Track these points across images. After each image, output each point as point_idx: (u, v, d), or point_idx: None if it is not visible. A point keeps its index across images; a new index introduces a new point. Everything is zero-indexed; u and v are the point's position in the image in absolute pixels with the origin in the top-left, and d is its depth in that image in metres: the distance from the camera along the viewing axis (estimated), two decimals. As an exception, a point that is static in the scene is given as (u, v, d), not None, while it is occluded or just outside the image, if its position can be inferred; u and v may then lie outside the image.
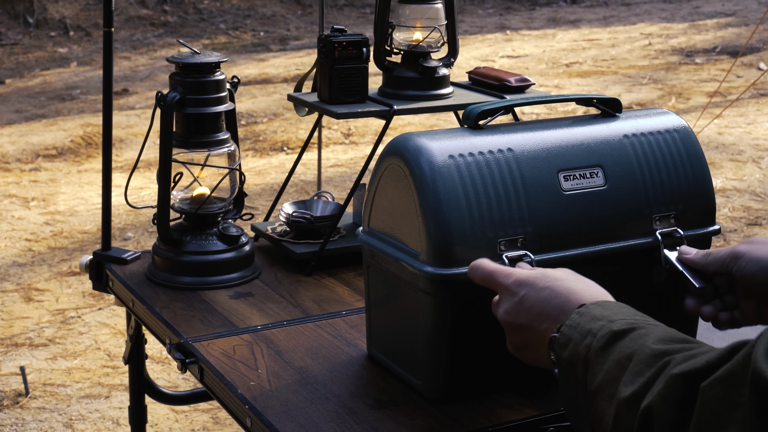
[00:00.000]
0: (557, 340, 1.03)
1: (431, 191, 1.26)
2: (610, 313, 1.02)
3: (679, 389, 0.86)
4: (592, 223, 1.34)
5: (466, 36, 9.28)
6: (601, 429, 0.96)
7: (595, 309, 1.03)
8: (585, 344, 1.00)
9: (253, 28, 10.02)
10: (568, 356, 1.01)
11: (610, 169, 1.37)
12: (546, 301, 1.08)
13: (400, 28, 2.09)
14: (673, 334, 0.96)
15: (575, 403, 1.02)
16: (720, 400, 0.81)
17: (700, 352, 0.89)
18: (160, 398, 1.97)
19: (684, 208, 1.41)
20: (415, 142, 1.29)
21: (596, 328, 1.00)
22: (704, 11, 10.50)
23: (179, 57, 1.73)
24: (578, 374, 1.00)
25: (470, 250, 1.25)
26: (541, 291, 1.09)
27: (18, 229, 4.55)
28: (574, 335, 1.02)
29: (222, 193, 1.80)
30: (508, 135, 1.34)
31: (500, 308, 1.13)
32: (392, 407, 1.31)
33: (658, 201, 1.39)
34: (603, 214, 1.35)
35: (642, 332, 0.97)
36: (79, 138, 5.94)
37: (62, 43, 9.23)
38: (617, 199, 1.36)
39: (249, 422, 1.30)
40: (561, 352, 1.03)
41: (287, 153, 5.69)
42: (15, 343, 3.45)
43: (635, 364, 0.94)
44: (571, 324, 1.03)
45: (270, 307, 1.64)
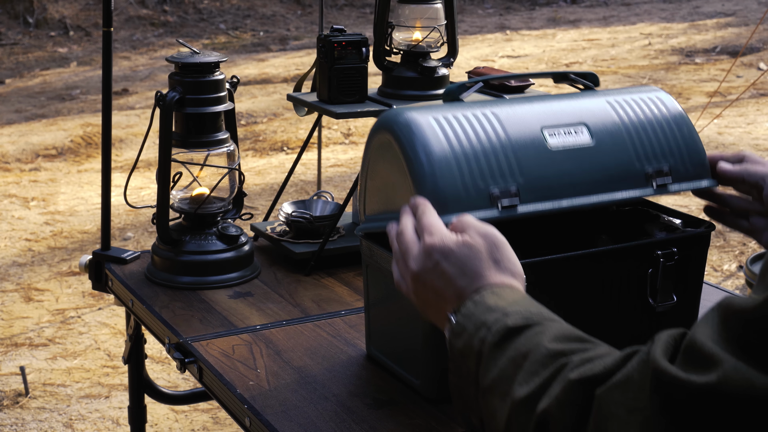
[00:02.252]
0: (452, 328, 1.02)
1: (420, 147, 1.25)
2: (505, 304, 1.00)
3: (576, 395, 0.85)
4: (584, 176, 1.34)
5: (466, 36, 9.28)
6: (494, 426, 0.95)
7: (490, 298, 1.01)
8: (479, 337, 0.98)
9: (253, 28, 10.03)
10: (461, 346, 1.00)
11: (595, 127, 1.37)
12: (451, 281, 1.06)
13: (400, 28, 2.09)
14: (568, 332, 0.94)
15: (465, 394, 1.00)
16: (617, 404, 0.80)
17: (597, 355, 0.88)
18: (160, 398, 1.97)
19: (675, 162, 1.40)
20: (400, 112, 1.30)
21: (491, 321, 0.98)
22: (704, 11, 10.50)
23: (179, 57, 1.73)
24: (470, 366, 0.98)
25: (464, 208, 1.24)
26: (452, 266, 1.06)
27: (18, 229, 4.55)
28: (468, 325, 1.00)
29: (221, 193, 1.80)
30: (490, 104, 1.35)
31: (414, 262, 1.10)
32: (391, 407, 1.31)
33: (648, 156, 1.39)
34: (593, 168, 1.35)
35: (538, 329, 0.96)
36: (78, 138, 5.94)
37: (62, 43, 9.23)
38: (606, 154, 1.36)
39: (248, 422, 1.30)
40: (455, 341, 1.00)
41: (287, 153, 5.69)
42: (15, 343, 3.45)
43: (530, 364, 0.92)
44: (466, 313, 1.01)
45: (269, 307, 1.64)
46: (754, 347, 0.70)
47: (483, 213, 1.25)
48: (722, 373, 0.70)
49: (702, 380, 0.71)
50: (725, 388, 0.70)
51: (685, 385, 0.72)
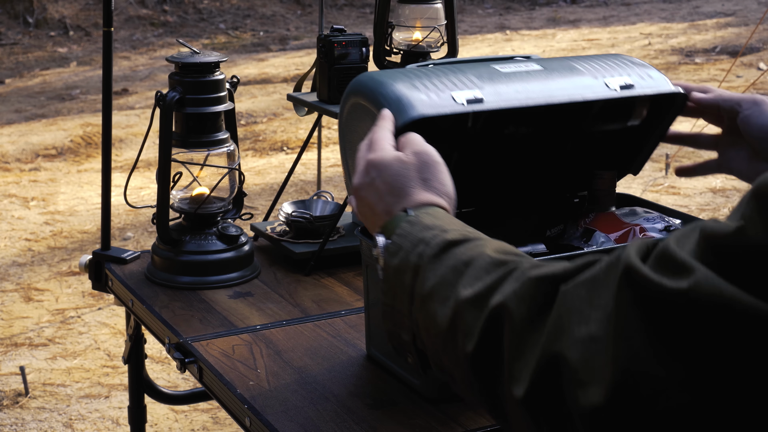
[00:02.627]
0: (387, 248, 1.02)
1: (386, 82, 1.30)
2: (443, 223, 1.01)
3: (536, 290, 0.85)
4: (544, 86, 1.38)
5: (466, 36, 9.28)
6: (433, 332, 0.95)
7: (426, 218, 1.03)
8: (417, 252, 0.98)
9: (253, 27, 10.02)
10: (397, 264, 1.00)
11: (541, 61, 1.43)
12: (381, 197, 1.09)
13: (400, 28, 2.09)
14: (509, 248, 0.95)
15: (398, 311, 1.01)
16: (582, 299, 0.80)
17: (548, 263, 0.89)
18: (160, 398, 1.97)
19: (634, 75, 1.41)
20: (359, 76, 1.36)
21: (429, 237, 0.99)
22: (704, 11, 10.50)
23: (179, 57, 1.73)
24: (405, 281, 0.99)
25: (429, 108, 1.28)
26: (383, 183, 1.09)
27: (18, 228, 4.55)
28: (405, 244, 1.00)
29: (221, 193, 1.80)
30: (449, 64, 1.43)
31: (356, 177, 1.12)
32: (391, 407, 1.31)
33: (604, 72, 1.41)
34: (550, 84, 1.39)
35: (478, 243, 0.97)
36: (78, 138, 5.94)
37: (62, 43, 9.23)
38: (559, 73, 1.40)
39: (248, 422, 1.30)
40: (390, 259, 1.01)
41: (287, 153, 5.69)
42: (15, 343, 3.45)
43: (475, 270, 0.93)
44: (402, 233, 1.01)
45: (269, 307, 1.64)
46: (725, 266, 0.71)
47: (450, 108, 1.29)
48: (694, 280, 0.70)
49: (673, 285, 0.71)
50: (695, 295, 0.70)
51: (657, 287, 0.73)
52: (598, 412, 0.76)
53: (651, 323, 0.73)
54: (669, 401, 0.72)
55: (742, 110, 1.33)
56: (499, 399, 0.87)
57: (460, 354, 0.90)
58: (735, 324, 0.69)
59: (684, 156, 5.10)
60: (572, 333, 0.79)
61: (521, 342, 0.83)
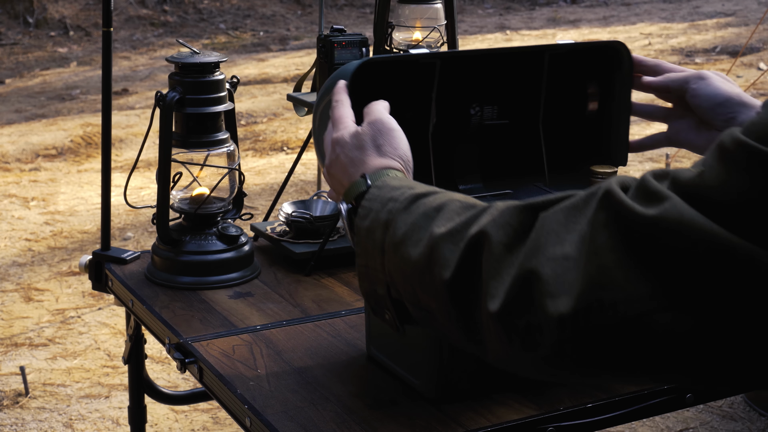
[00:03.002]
0: (358, 213, 1.09)
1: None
2: (409, 183, 1.08)
3: (516, 217, 0.90)
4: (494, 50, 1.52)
5: (466, 36, 9.28)
6: (408, 271, 0.99)
7: (393, 180, 1.10)
8: (386, 209, 1.05)
9: (253, 28, 10.02)
10: (368, 224, 1.06)
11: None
12: (346, 169, 1.17)
13: (400, 28, 2.09)
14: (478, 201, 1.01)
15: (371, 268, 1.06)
16: (559, 223, 0.85)
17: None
18: (160, 398, 1.97)
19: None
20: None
21: (397, 195, 1.06)
22: (704, 11, 10.50)
23: (179, 57, 1.73)
24: (376, 238, 1.04)
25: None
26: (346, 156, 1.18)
27: (18, 228, 4.55)
28: (374, 205, 1.07)
29: (221, 193, 1.80)
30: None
31: (326, 157, 1.22)
32: (392, 407, 1.31)
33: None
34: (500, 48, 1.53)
35: (446, 193, 1.03)
36: (78, 138, 5.94)
37: (62, 43, 9.23)
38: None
39: (248, 422, 1.30)
40: (361, 222, 1.07)
41: (287, 153, 5.69)
42: (15, 343, 3.45)
43: (447, 212, 0.98)
44: (370, 197, 1.08)
45: (269, 307, 1.64)
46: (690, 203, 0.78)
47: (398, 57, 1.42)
48: (663, 207, 0.77)
49: (644, 210, 0.78)
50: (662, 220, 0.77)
51: (630, 210, 0.79)
52: (565, 319, 0.81)
53: (622, 242, 0.79)
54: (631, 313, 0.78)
55: (689, 86, 1.42)
56: (475, 323, 0.91)
57: (438, 284, 0.94)
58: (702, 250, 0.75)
59: (684, 156, 5.10)
60: (547, 252, 0.84)
61: (499, 264, 0.88)
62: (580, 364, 0.84)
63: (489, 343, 0.91)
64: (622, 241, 0.79)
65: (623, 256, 0.78)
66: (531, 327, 0.84)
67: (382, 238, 1.04)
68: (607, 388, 1.35)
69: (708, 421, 2.94)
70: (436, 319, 0.98)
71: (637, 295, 0.78)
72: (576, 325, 0.81)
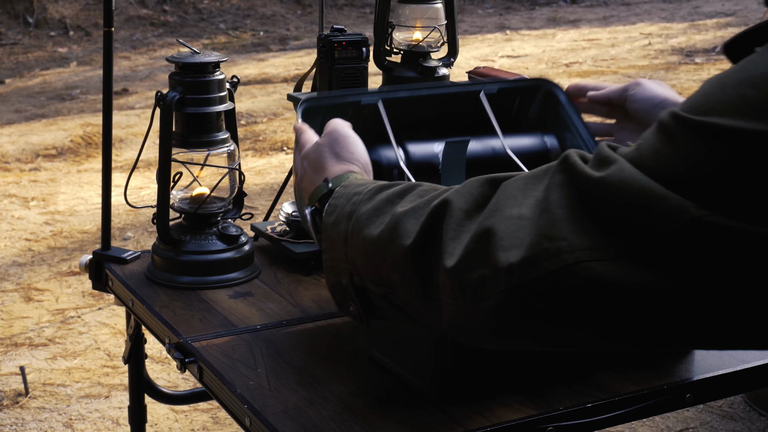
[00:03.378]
0: (324, 211, 1.17)
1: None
2: (373, 181, 1.17)
3: (478, 188, 0.97)
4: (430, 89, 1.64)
5: (466, 36, 9.28)
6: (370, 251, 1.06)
7: (357, 180, 1.19)
8: (351, 202, 1.12)
9: (253, 27, 10.02)
10: (333, 219, 1.13)
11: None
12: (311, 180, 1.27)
13: (400, 28, 2.09)
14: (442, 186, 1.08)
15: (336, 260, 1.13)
16: (518, 189, 0.93)
17: None
18: (160, 398, 1.97)
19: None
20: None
21: (361, 189, 1.13)
22: (704, 11, 10.50)
23: (179, 57, 1.73)
24: (340, 229, 1.11)
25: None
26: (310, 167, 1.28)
27: (18, 228, 4.55)
28: (340, 202, 1.15)
29: (221, 193, 1.80)
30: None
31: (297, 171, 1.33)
32: (392, 407, 1.31)
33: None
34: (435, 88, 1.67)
35: (411, 183, 1.09)
36: (79, 138, 5.94)
37: (62, 43, 9.23)
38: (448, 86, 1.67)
39: (248, 422, 1.30)
40: (327, 218, 1.15)
41: (287, 153, 5.69)
42: (15, 343, 3.45)
43: (410, 196, 1.05)
44: (337, 195, 1.16)
45: (269, 307, 1.64)
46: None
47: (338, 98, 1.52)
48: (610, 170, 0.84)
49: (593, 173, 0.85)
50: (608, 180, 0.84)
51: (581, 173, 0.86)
52: (513, 268, 0.88)
53: (571, 198, 0.86)
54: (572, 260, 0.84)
55: (628, 93, 1.52)
56: (433, 287, 0.98)
57: (400, 253, 1.01)
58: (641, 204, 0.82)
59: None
60: (504, 212, 0.91)
61: (458, 226, 0.95)
62: (525, 315, 0.89)
63: (444, 304, 0.96)
64: (572, 198, 0.86)
65: (571, 212, 0.86)
66: (483, 278, 0.91)
67: (345, 228, 1.10)
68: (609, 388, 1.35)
69: (708, 421, 2.94)
70: (397, 293, 1.03)
71: (579, 245, 0.84)
72: (523, 271, 0.87)
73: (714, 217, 0.79)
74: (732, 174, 0.78)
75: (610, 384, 1.36)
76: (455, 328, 0.98)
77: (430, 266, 0.97)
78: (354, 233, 1.08)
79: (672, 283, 0.81)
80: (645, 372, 1.39)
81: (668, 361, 1.41)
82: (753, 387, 1.45)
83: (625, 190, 0.83)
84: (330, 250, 1.13)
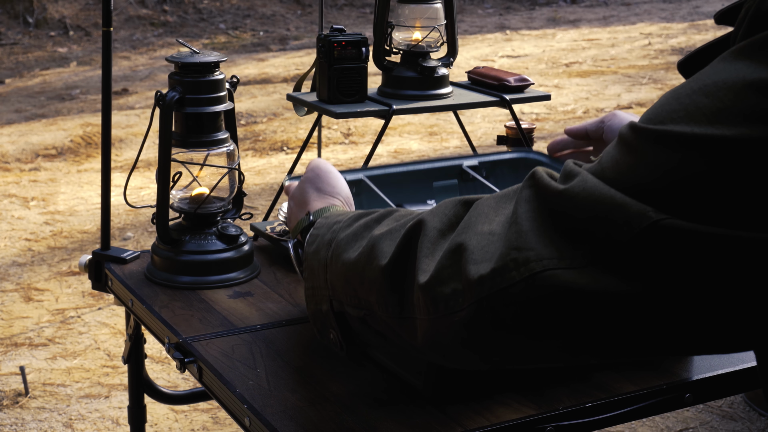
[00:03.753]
0: (306, 241, 1.20)
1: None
2: (353, 211, 1.21)
3: (451, 209, 1.00)
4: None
5: (466, 36, 9.28)
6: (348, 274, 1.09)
7: (338, 210, 1.24)
8: (331, 230, 1.16)
9: (253, 27, 10.03)
10: (314, 248, 1.17)
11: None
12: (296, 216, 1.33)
13: (400, 28, 2.09)
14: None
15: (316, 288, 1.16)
16: (490, 207, 0.96)
17: None
18: (160, 398, 1.97)
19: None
20: None
21: (341, 218, 1.17)
22: (704, 11, 10.51)
23: (178, 56, 1.73)
24: (320, 257, 1.15)
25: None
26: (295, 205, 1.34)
27: (18, 228, 4.55)
28: (321, 231, 1.18)
29: (221, 193, 1.80)
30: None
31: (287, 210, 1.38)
32: (391, 407, 1.31)
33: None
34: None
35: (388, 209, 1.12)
36: (78, 138, 5.94)
37: (62, 43, 9.23)
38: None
39: (248, 422, 1.30)
40: (309, 248, 1.18)
41: (287, 153, 5.69)
42: (15, 343, 3.45)
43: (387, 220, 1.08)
44: (318, 225, 1.20)
45: (269, 307, 1.64)
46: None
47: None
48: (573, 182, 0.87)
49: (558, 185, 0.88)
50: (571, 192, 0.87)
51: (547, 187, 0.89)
52: (483, 278, 0.90)
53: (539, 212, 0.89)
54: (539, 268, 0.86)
55: (605, 124, 1.62)
56: (409, 305, 1.00)
57: (376, 273, 1.03)
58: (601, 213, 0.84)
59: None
60: (475, 229, 0.94)
61: (432, 245, 0.98)
62: (495, 325, 0.91)
63: (419, 322, 0.98)
64: (539, 211, 0.89)
65: (538, 224, 0.88)
66: (455, 291, 0.93)
67: (325, 255, 1.14)
68: (609, 389, 1.35)
69: (708, 421, 2.94)
70: (374, 314, 1.06)
71: (547, 254, 0.87)
72: (492, 282, 0.89)
73: (672, 220, 0.81)
74: (687, 178, 0.81)
75: (609, 384, 1.36)
76: (428, 344, 1.00)
77: (406, 285, 1.00)
78: (333, 259, 1.12)
79: (639, 289, 0.83)
80: (644, 372, 1.39)
81: (668, 360, 1.42)
82: (753, 387, 1.45)
83: (587, 200, 0.85)
84: (311, 279, 1.17)
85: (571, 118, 6.31)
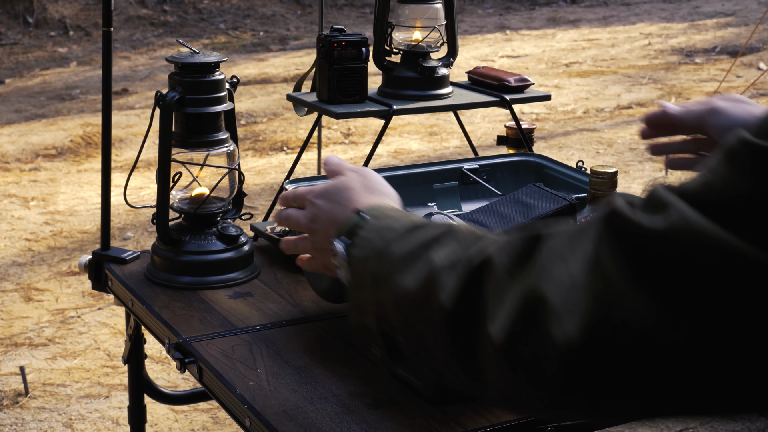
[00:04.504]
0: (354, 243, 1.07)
1: None
2: (407, 214, 1.08)
3: (519, 245, 0.86)
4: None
5: (466, 36, 9.28)
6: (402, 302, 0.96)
7: (390, 211, 1.09)
8: (382, 237, 1.03)
9: (253, 27, 10.02)
10: (363, 254, 1.04)
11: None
12: (330, 215, 1.19)
13: (400, 28, 2.09)
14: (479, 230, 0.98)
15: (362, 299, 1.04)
16: (564, 246, 0.82)
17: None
18: (160, 398, 1.97)
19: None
20: None
21: (393, 224, 1.04)
22: (704, 11, 10.50)
23: (178, 57, 1.73)
24: (369, 266, 1.02)
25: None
26: (328, 202, 1.20)
27: (18, 228, 4.55)
28: (370, 234, 1.06)
29: (221, 193, 1.80)
30: None
31: (302, 215, 1.25)
32: (391, 407, 1.31)
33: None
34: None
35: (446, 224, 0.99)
36: (78, 138, 5.94)
37: (62, 43, 9.23)
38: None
39: (248, 422, 1.30)
40: (356, 251, 1.06)
41: (287, 153, 5.69)
42: (15, 343, 3.45)
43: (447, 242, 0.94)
44: (368, 227, 1.07)
45: (269, 307, 1.64)
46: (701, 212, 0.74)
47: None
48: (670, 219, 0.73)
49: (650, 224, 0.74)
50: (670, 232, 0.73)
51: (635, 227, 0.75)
52: (572, 342, 0.77)
53: (628, 258, 0.75)
54: (643, 331, 0.73)
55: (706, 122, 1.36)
56: (474, 354, 0.87)
57: (437, 314, 0.90)
58: (711, 260, 0.71)
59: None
60: (551, 274, 0.80)
61: (502, 289, 0.84)
62: (592, 394, 0.79)
63: (489, 375, 0.86)
64: (628, 257, 0.75)
65: (630, 273, 0.74)
66: (538, 357, 0.80)
67: (375, 267, 1.01)
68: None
69: (708, 420, 2.94)
70: (431, 352, 0.94)
71: (648, 312, 0.73)
72: (586, 348, 0.76)
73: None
74: None
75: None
76: (503, 398, 0.89)
77: (471, 330, 0.87)
78: (385, 276, 0.99)
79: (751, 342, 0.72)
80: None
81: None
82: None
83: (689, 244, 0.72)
84: (356, 287, 1.06)
85: (570, 118, 6.31)
